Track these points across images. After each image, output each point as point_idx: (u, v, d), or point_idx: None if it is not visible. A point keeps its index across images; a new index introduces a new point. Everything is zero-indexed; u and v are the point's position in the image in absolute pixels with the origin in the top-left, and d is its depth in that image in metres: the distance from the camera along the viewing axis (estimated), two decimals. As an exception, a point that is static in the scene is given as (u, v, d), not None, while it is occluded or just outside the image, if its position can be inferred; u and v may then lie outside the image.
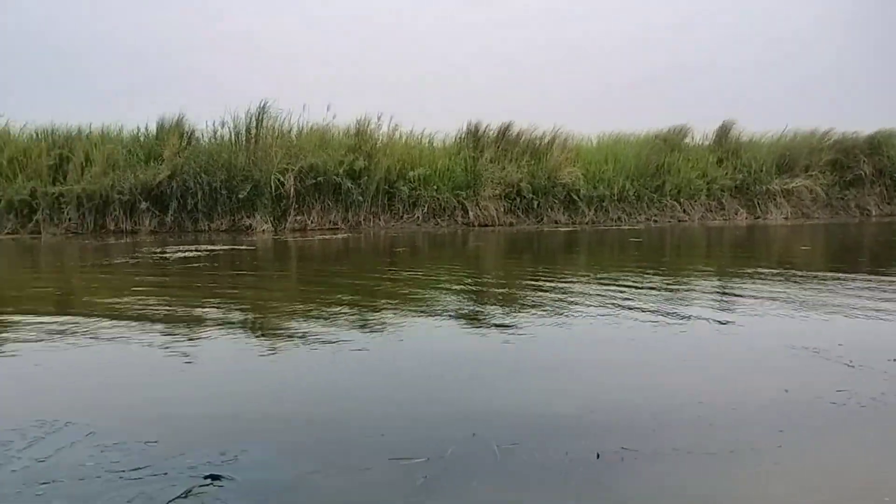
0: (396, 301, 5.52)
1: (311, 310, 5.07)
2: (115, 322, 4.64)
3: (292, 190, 16.54)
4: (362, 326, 4.40)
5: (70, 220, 15.89)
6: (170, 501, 1.92)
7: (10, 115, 17.29)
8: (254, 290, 6.48)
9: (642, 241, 12.81)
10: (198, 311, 5.11)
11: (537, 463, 2.22)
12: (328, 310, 5.05)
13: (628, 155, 19.40)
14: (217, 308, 5.23)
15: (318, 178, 16.73)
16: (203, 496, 1.96)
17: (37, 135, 16.75)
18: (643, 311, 4.88)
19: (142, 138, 17.14)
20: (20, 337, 4.22)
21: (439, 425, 2.55)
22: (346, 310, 5.08)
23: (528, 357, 3.67)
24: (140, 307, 5.25)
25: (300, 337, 4.12)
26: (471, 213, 17.59)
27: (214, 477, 2.08)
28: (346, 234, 14.92)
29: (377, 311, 5.05)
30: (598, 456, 2.28)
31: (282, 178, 16.48)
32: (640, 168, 19.32)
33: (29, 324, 4.65)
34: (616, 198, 18.94)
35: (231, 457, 2.24)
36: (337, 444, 2.38)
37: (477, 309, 5.15)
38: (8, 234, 15.34)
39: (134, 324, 4.57)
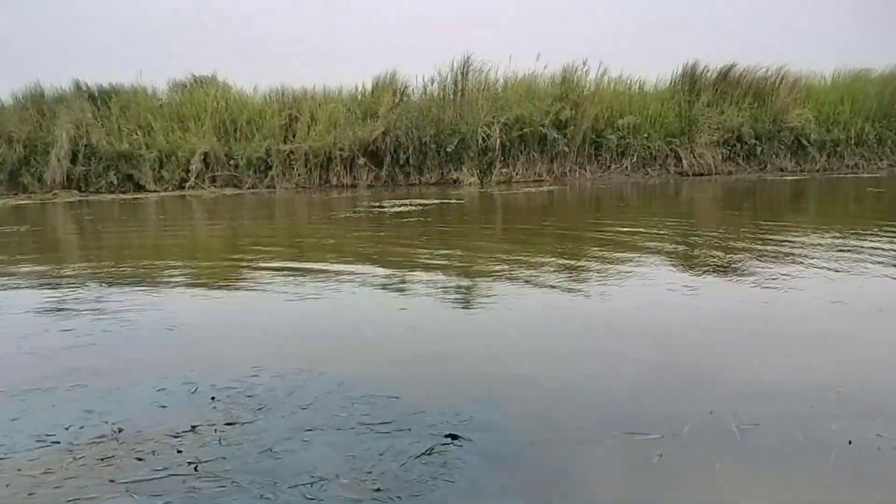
0: (607, 256, 5.40)
1: (521, 265, 5.12)
2: (346, 272, 5.02)
3: (498, 142, 16.70)
4: (573, 282, 4.38)
5: (299, 175, 17.33)
6: (416, 457, 2.06)
7: (245, 82, 19.12)
8: (466, 243, 6.68)
9: (885, 190, 11.40)
10: (418, 266, 5.37)
11: (782, 446, 2.09)
12: (538, 264, 5.07)
13: (869, 93, 17.21)
14: (433, 261, 5.46)
15: (524, 130, 16.73)
16: (445, 454, 2.08)
17: (269, 97, 18.33)
18: None
19: (359, 97, 18.14)
20: (271, 285, 4.71)
21: (671, 398, 2.48)
22: (555, 264, 5.07)
23: (767, 324, 3.43)
24: (369, 259, 5.63)
25: (513, 293, 4.19)
26: (684, 162, 16.69)
27: (453, 437, 2.20)
28: (551, 187, 14.84)
29: (588, 267, 4.99)
30: (849, 443, 2.11)
31: (488, 131, 16.69)
32: (884, 108, 17.09)
33: (276, 271, 5.18)
34: (853, 142, 16.97)
35: (466, 417, 2.35)
36: (565, 412, 2.40)
37: (697, 266, 4.90)
38: (249, 188, 17.09)
39: (366, 274, 4.92)
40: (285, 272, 5.26)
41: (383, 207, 11.14)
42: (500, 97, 17.28)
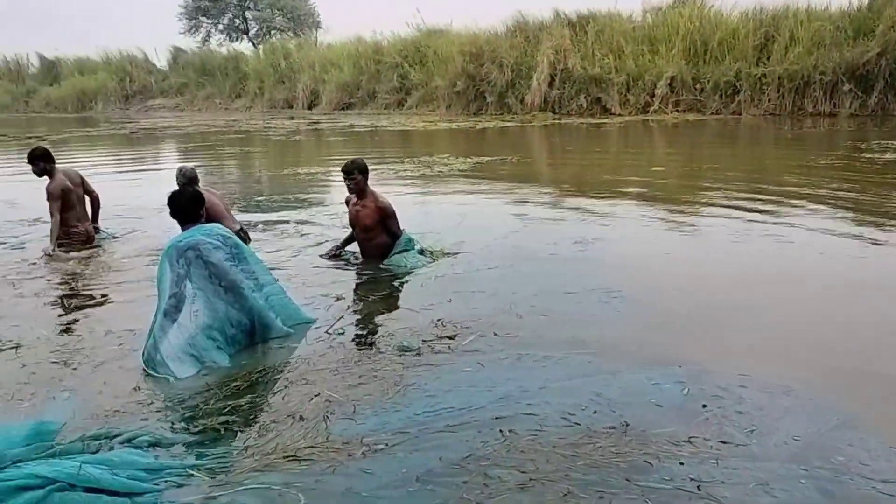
0: None
1: None
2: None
3: None
4: None
5: (769, 100, 16.19)
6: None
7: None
8: None
9: None
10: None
11: None
12: None
13: None
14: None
15: None
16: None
17: (745, 15, 17.24)
18: None
19: (852, 13, 15.88)
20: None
21: None
22: None
23: None
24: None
25: None
26: None
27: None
28: None
29: None
30: None
31: None
32: None
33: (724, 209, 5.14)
34: None
35: None
36: None
37: None
38: (712, 114, 16.63)
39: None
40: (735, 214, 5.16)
41: (872, 151, 9.82)
42: None
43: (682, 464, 2.37)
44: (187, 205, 3.54)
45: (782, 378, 2.97)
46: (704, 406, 2.77)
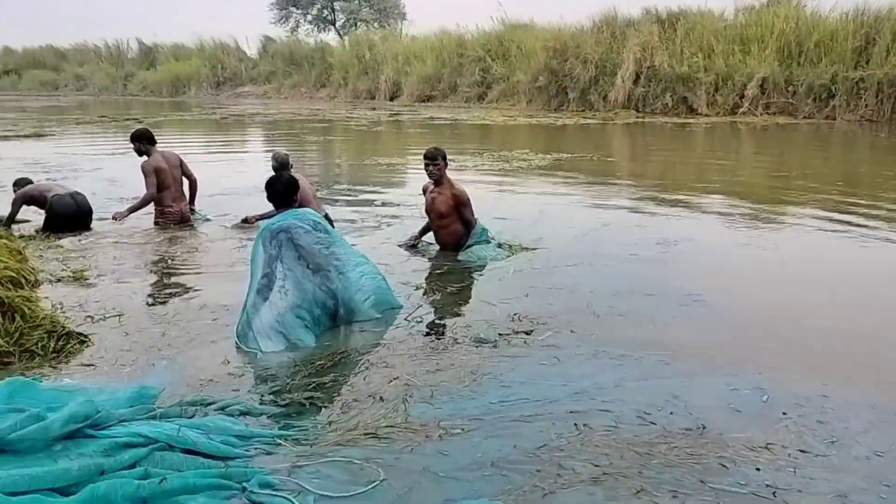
0: None
1: None
2: None
3: None
4: None
5: (866, 106, 15.47)
6: None
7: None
8: None
9: None
10: None
11: None
12: None
13: None
14: None
15: None
16: None
17: (844, 16, 16.50)
18: None
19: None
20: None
21: None
22: None
23: None
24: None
25: None
26: None
27: None
28: None
29: None
30: None
31: None
32: None
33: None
34: None
35: None
36: None
37: None
38: (804, 118, 16.00)
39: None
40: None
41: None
42: None
43: (758, 469, 2.36)
44: (283, 190, 3.72)
45: (867, 392, 2.91)
46: (784, 414, 2.73)
